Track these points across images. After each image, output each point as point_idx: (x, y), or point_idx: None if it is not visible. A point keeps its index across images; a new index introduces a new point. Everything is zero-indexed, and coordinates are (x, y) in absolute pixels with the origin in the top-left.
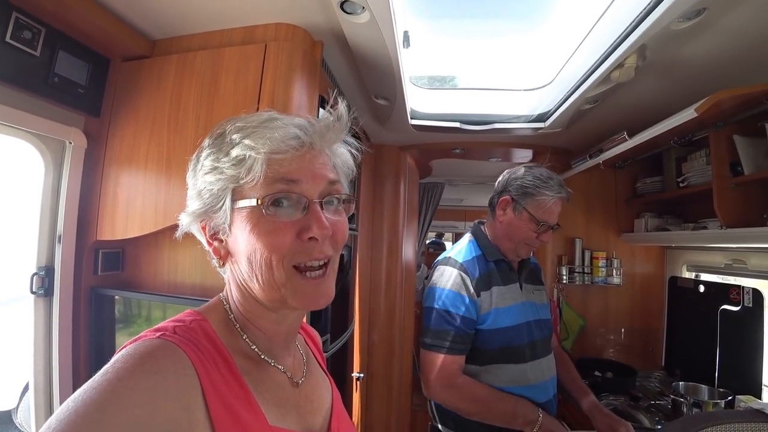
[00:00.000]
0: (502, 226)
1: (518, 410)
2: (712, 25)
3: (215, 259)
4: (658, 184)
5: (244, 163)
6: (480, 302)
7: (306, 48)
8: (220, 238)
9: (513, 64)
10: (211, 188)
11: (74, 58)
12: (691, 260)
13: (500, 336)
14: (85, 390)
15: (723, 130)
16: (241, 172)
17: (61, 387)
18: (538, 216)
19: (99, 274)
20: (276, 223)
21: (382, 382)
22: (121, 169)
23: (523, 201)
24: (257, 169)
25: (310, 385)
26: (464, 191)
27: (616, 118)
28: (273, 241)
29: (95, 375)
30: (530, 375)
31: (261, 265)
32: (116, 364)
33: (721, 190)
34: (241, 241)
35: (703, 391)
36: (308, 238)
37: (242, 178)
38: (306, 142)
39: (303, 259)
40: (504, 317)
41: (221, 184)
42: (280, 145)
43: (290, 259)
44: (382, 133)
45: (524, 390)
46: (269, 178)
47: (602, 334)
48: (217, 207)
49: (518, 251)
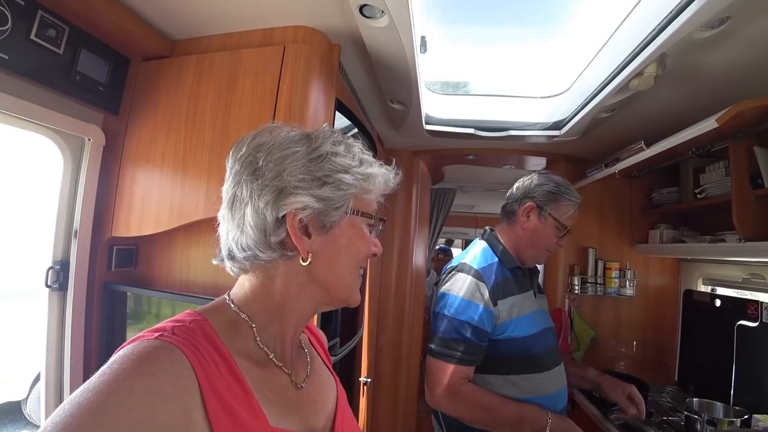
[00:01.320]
0: (527, 233)
1: (524, 416)
2: (736, 34)
3: (298, 254)
4: (674, 194)
5: (372, 181)
6: (497, 311)
7: (324, 51)
8: (310, 233)
9: (529, 71)
10: (342, 186)
11: (96, 57)
12: (707, 273)
13: (521, 345)
14: (82, 392)
15: (743, 141)
16: (368, 186)
17: (72, 380)
18: (563, 221)
19: (112, 270)
20: (370, 238)
21: (389, 387)
22: (137, 167)
23: (548, 207)
24: (375, 193)
25: (314, 385)
26: (476, 198)
27: (633, 127)
28: (366, 250)
29: (92, 376)
30: (548, 384)
31: (348, 265)
32: (113, 365)
33: (741, 202)
34: (341, 243)
35: (718, 408)
36: (372, 254)
37: (366, 193)
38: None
39: (364, 265)
40: (524, 326)
41: (352, 189)
42: (386, 189)
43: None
44: (396, 137)
45: (543, 399)
46: (379, 213)
47: (614, 347)
48: (339, 205)
49: (539, 258)
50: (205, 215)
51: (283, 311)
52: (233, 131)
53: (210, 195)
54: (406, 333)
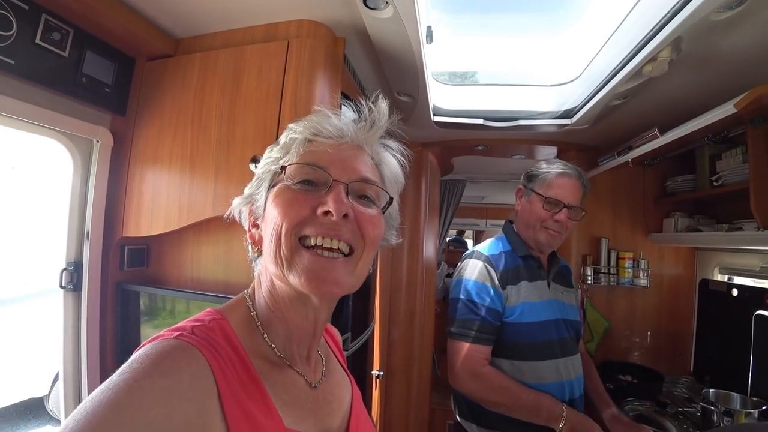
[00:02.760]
0: (520, 216)
1: (542, 404)
2: (754, 15)
3: (250, 246)
4: (689, 182)
5: (285, 146)
6: (506, 295)
7: (328, 44)
8: (258, 224)
9: (539, 59)
10: (258, 173)
11: (101, 58)
12: (723, 262)
13: (527, 330)
14: (102, 390)
15: (762, 126)
16: (282, 153)
17: (90, 377)
18: (542, 192)
19: (125, 270)
20: (296, 194)
21: (402, 379)
22: (146, 167)
23: (530, 184)
24: (293, 150)
25: (329, 386)
26: (486, 188)
27: (646, 114)
28: (287, 210)
29: (113, 375)
30: (555, 372)
31: (272, 237)
32: (133, 364)
33: (759, 189)
34: (267, 218)
35: (735, 399)
36: (323, 212)
37: (281, 159)
38: (346, 133)
39: (311, 231)
40: (531, 312)
41: (266, 167)
42: (317, 128)
43: (298, 230)
44: (403, 130)
45: (550, 387)
46: (301, 159)
47: (627, 337)
48: (260, 190)
49: (537, 237)
50: (214, 213)
51: (275, 306)
52: (239, 128)
53: (218, 193)
54: (418, 325)
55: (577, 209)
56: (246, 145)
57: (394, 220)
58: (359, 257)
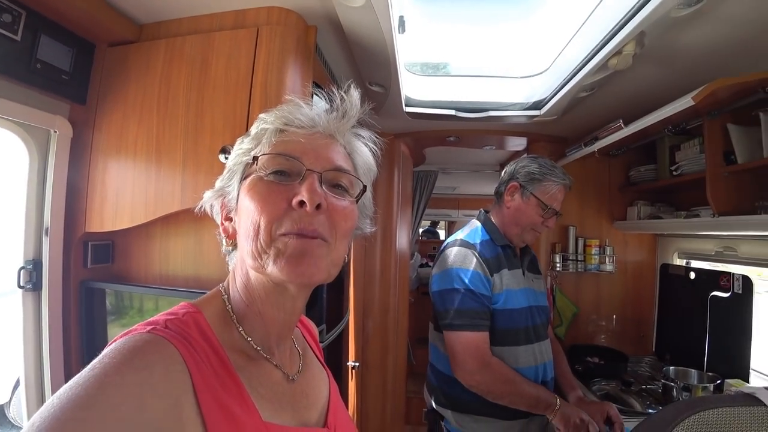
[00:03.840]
0: (510, 212)
1: (541, 395)
2: (711, 13)
3: (224, 240)
4: (651, 172)
5: (256, 136)
6: (493, 282)
7: (299, 33)
8: (231, 217)
9: (509, 51)
10: (229, 165)
11: (57, 43)
12: (682, 248)
13: (509, 317)
14: (71, 386)
15: (718, 119)
16: (253, 144)
17: (53, 382)
18: (544, 200)
19: (89, 267)
20: (270, 186)
21: (377, 370)
22: (109, 158)
23: (530, 187)
24: (265, 141)
25: (306, 379)
26: (458, 179)
27: (611, 106)
28: (264, 205)
29: (82, 371)
30: (532, 357)
31: (249, 231)
32: (104, 359)
33: (714, 178)
34: (241, 211)
35: (692, 375)
36: (298, 203)
37: (253, 150)
38: (318, 122)
39: (288, 228)
40: (513, 299)
41: (237, 159)
42: (289, 118)
43: (278, 226)
44: (375, 120)
45: (527, 371)
46: (273, 150)
47: (594, 321)
48: (231, 182)
49: (524, 237)
50: (182, 206)
51: (250, 299)
52: (207, 117)
53: (186, 184)
54: (393, 315)
55: (560, 213)
56: (215, 134)
57: (368, 209)
58: (332, 248)
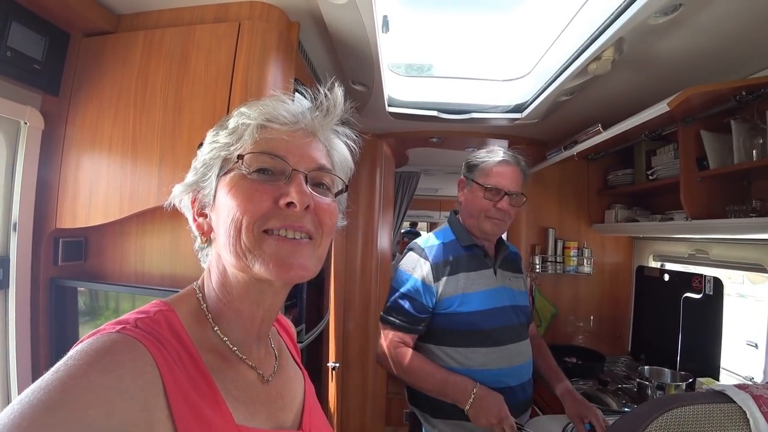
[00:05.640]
0: (463, 206)
1: (449, 382)
2: (687, 22)
3: (198, 237)
4: (628, 176)
5: (236, 131)
6: (438, 287)
7: (282, 29)
8: (205, 213)
9: (491, 55)
10: (204, 158)
11: (29, 31)
12: (657, 250)
13: (466, 320)
14: (33, 390)
15: (691, 125)
16: (233, 139)
17: (20, 384)
18: (483, 181)
19: (59, 265)
20: (255, 185)
21: (358, 371)
22: (82, 152)
23: (470, 175)
24: (247, 137)
25: (282, 381)
26: (440, 181)
27: (591, 111)
28: (248, 204)
29: (46, 373)
30: (499, 359)
31: (230, 230)
32: (69, 360)
33: (688, 183)
34: (221, 208)
35: (666, 374)
36: (286, 204)
37: (232, 145)
38: (301, 120)
39: (275, 225)
40: (473, 302)
41: (214, 153)
42: (272, 114)
43: (261, 224)
44: (358, 120)
45: (495, 373)
46: (257, 148)
47: (572, 322)
48: (207, 177)
49: (482, 227)
50: (158, 202)
51: (227, 297)
52: (186, 111)
53: (163, 180)
54: (373, 315)
55: (519, 195)
56: (193, 130)
57: (342, 204)
58: (318, 245)
